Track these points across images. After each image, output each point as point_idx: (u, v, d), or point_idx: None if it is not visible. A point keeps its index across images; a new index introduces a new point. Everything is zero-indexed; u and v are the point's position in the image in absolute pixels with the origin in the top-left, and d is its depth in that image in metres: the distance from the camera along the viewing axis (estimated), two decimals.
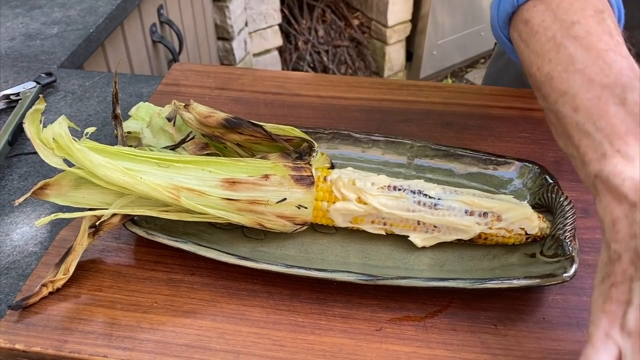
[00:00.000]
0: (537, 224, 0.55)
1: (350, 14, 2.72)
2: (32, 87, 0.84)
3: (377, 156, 0.65)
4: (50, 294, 0.54)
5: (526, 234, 0.55)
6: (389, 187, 0.56)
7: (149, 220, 0.57)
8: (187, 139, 0.59)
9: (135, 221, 0.56)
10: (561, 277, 0.51)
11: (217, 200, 0.53)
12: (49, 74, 0.88)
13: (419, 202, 0.55)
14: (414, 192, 0.56)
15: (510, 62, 0.91)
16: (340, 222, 0.56)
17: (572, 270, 0.51)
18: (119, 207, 0.53)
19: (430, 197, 0.55)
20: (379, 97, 0.79)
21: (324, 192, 0.56)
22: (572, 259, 0.52)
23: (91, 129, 0.55)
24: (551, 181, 0.59)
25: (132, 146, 0.63)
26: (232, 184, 0.53)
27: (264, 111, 0.77)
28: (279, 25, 2.38)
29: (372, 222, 0.56)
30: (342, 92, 0.80)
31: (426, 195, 0.56)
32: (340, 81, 0.83)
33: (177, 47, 1.58)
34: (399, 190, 0.56)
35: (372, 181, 0.56)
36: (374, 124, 0.74)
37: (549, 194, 0.58)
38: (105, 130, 0.78)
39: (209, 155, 0.59)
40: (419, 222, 0.55)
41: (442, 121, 0.74)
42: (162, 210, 0.54)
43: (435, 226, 0.55)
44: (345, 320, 0.52)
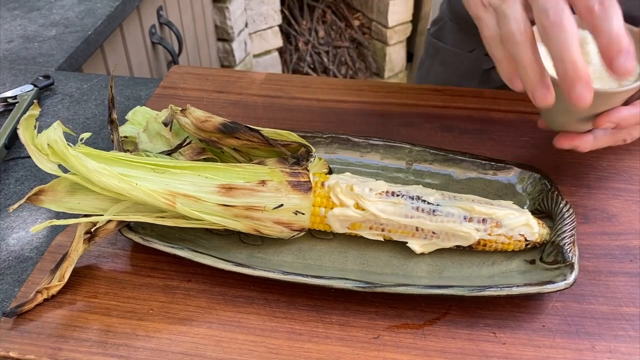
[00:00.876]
0: (536, 230, 0.55)
1: (350, 15, 2.72)
2: (29, 90, 0.84)
3: (376, 161, 0.64)
4: (45, 300, 0.54)
5: (526, 240, 0.55)
6: (387, 192, 0.55)
7: (145, 226, 0.56)
8: (184, 144, 0.58)
9: (131, 227, 0.56)
10: (561, 285, 0.50)
11: (214, 206, 0.53)
12: (47, 77, 0.88)
13: (417, 208, 0.55)
14: (413, 198, 0.55)
15: (431, 68, 0.95)
16: (337, 228, 0.56)
17: (572, 277, 0.51)
18: (115, 214, 0.53)
19: (428, 203, 0.55)
20: (379, 100, 0.78)
21: (321, 198, 0.55)
22: (572, 266, 0.52)
23: (86, 135, 0.54)
24: (551, 186, 0.59)
25: (128, 151, 0.62)
26: (228, 189, 0.53)
27: (262, 114, 0.77)
28: (279, 26, 2.38)
29: (370, 228, 0.56)
30: (341, 95, 0.80)
31: (425, 201, 0.55)
32: (339, 84, 0.83)
33: (176, 49, 1.58)
34: (397, 196, 0.55)
35: (370, 187, 0.55)
36: (373, 127, 0.73)
37: (548, 200, 0.58)
38: (102, 133, 0.78)
39: (206, 160, 0.59)
40: (417, 229, 0.55)
41: (442, 125, 0.73)
42: (158, 216, 0.54)
43: (433, 232, 0.55)
44: (342, 327, 0.52)
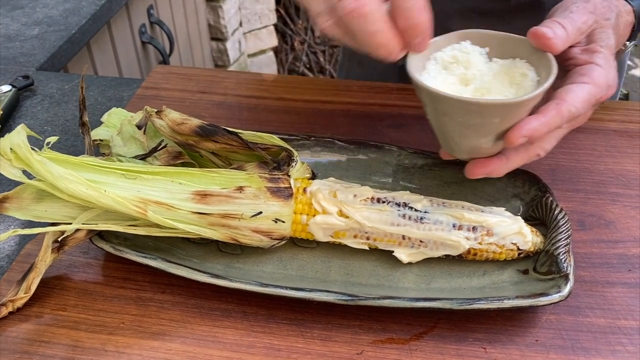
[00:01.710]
0: (530, 239, 0.52)
1: None
2: (7, 91, 0.81)
3: (363, 165, 0.61)
4: (10, 313, 0.51)
5: (518, 249, 0.52)
6: (372, 199, 0.52)
7: (118, 234, 0.53)
8: (159, 148, 0.55)
9: (103, 235, 0.53)
10: (555, 297, 0.48)
11: (188, 214, 0.50)
12: (26, 77, 0.85)
13: (404, 216, 0.52)
14: (399, 205, 0.52)
15: (350, 69, 0.95)
16: (320, 236, 0.53)
17: (566, 289, 0.48)
18: (84, 222, 0.50)
19: (416, 210, 0.52)
20: (368, 101, 0.75)
21: (303, 204, 0.52)
22: (566, 277, 0.49)
23: (53, 139, 0.51)
24: (545, 192, 0.56)
25: (104, 154, 0.59)
26: (203, 196, 0.50)
27: (246, 116, 0.74)
28: (275, 25, 2.35)
29: (355, 236, 0.53)
30: (329, 95, 0.77)
31: (412, 208, 0.52)
32: (327, 84, 0.80)
33: (168, 49, 1.55)
34: (383, 202, 0.52)
35: (354, 193, 0.53)
36: (361, 129, 0.70)
37: (543, 206, 0.55)
38: (82, 137, 0.75)
39: (183, 165, 0.56)
40: (404, 237, 0.52)
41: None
42: (129, 224, 0.51)
43: (421, 241, 0.52)
44: (324, 343, 0.49)
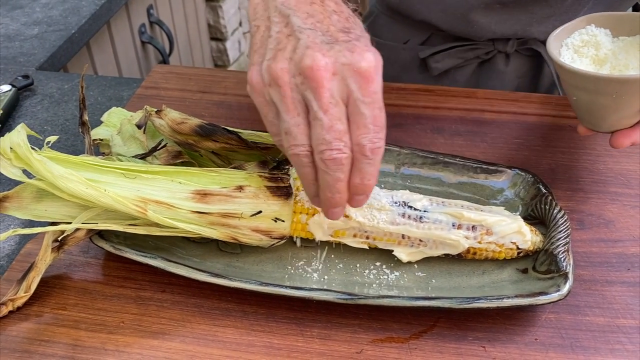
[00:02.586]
0: (529, 238, 0.52)
1: None
2: (7, 91, 0.81)
3: None
4: (10, 313, 0.51)
5: (518, 248, 0.52)
6: (372, 198, 0.52)
7: (118, 233, 0.53)
8: (159, 147, 0.55)
9: (103, 234, 0.53)
10: (554, 296, 0.48)
11: (187, 213, 0.50)
12: (26, 77, 0.85)
13: (403, 215, 0.52)
14: (399, 204, 0.52)
15: None
16: (320, 235, 0.53)
17: (565, 288, 0.48)
18: (83, 221, 0.50)
19: (415, 209, 0.52)
20: None
21: (302, 203, 0.52)
22: (566, 276, 0.49)
23: (53, 138, 0.51)
24: (545, 191, 0.56)
25: (103, 154, 0.60)
26: (203, 196, 0.50)
27: (246, 115, 0.74)
28: None
29: (354, 235, 0.53)
30: None
31: (411, 207, 0.52)
32: None
33: (167, 48, 1.55)
34: (383, 202, 0.52)
35: None
36: None
37: (542, 205, 0.55)
38: (81, 136, 0.75)
39: (183, 164, 0.56)
40: (403, 236, 0.52)
41: (432, 126, 0.70)
42: (129, 224, 0.51)
43: (421, 240, 0.52)
44: (323, 342, 0.49)
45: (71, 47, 1.03)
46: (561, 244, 0.51)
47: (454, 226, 0.52)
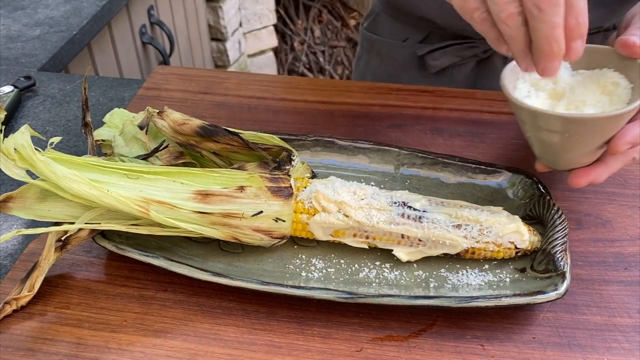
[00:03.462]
0: (527, 238, 0.53)
1: (347, 14, 2.69)
2: (9, 92, 0.81)
3: (362, 164, 0.62)
4: (14, 312, 0.51)
5: (516, 248, 0.53)
6: (371, 198, 0.53)
7: (120, 233, 0.54)
8: (160, 148, 0.56)
9: (105, 234, 0.53)
10: (552, 295, 0.48)
11: (189, 213, 0.50)
12: (28, 78, 0.85)
13: (403, 215, 0.52)
14: (398, 204, 0.53)
15: (368, 62, 0.93)
16: (320, 235, 0.54)
17: (563, 287, 0.49)
18: (86, 221, 0.51)
19: (414, 209, 0.53)
20: (367, 101, 0.76)
21: (303, 204, 0.53)
22: (563, 275, 0.49)
23: (56, 139, 0.52)
24: (543, 191, 0.57)
25: (106, 154, 0.60)
26: (205, 196, 0.51)
27: (247, 116, 0.75)
28: (274, 25, 2.35)
29: (354, 235, 0.53)
30: (329, 96, 0.77)
31: (411, 207, 0.53)
32: (327, 85, 0.81)
33: (168, 49, 1.56)
34: (383, 202, 0.53)
35: (354, 192, 0.53)
36: (361, 130, 0.71)
37: (540, 205, 0.56)
38: (83, 137, 0.76)
39: (185, 165, 0.57)
40: (403, 236, 0.53)
41: (432, 127, 0.71)
42: (132, 224, 0.52)
43: (420, 240, 0.53)
44: (324, 340, 0.49)
45: (72, 48, 1.03)
46: (559, 244, 0.51)
47: (452, 226, 0.52)
